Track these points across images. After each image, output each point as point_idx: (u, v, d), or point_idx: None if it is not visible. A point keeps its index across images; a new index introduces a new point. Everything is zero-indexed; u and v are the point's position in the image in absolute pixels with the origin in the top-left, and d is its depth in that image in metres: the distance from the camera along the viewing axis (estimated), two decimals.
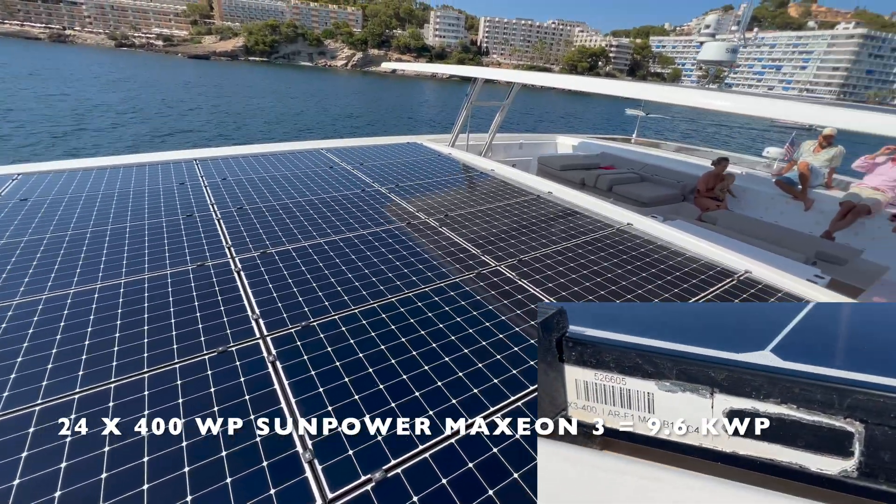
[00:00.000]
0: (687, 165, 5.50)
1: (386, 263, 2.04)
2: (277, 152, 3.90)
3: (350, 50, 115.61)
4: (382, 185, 3.14)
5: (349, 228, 2.40)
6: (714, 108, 2.14)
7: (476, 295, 1.81)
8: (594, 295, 1.85)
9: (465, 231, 2.42)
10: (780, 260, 2.65)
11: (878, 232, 3.99)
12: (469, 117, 4.50)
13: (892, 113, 1.74)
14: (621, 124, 10.06)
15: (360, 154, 3.94)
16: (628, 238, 2.40)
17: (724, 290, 1.93)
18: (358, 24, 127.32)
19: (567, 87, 2.81)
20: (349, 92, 43.88)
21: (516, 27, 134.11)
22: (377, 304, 1.71)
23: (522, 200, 2.91)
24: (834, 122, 1.75)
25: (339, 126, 22.46)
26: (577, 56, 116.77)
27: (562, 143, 6.64)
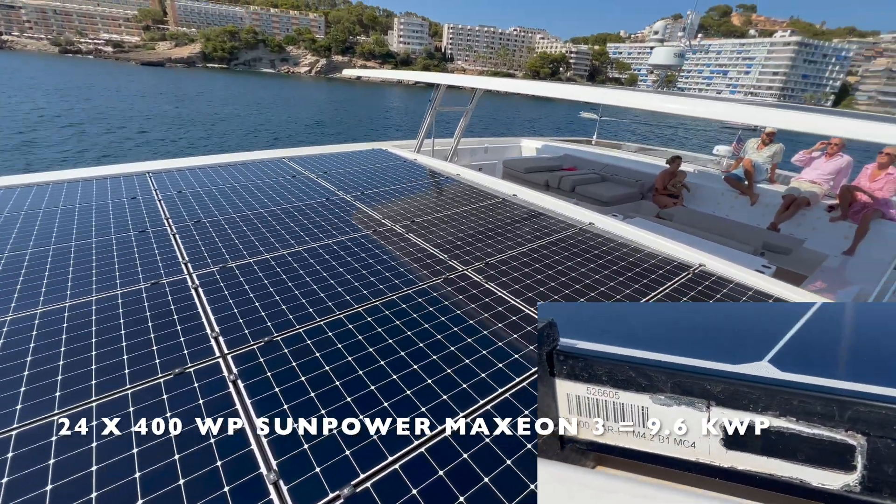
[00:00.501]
0: (645, 165, 5.74)
1: (352, 273, 2.01)
2: (237, 162, 3.78)
3: (313, 56, 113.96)
4: (347, 192, 3.10)
5: (314, 239, 2.35)
6: (666, 111, 2.24)
7: (444, 300, 1.81)
8: (559, 294, 1.89)
9: (431, 236, 2.43)
10: (731, 252, 2.80)
11: (818, 222, 4.30)
12: (433, 123, 4.53)
13: (821, 113, 1.88)
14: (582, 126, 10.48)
15: (324, 162, 3.88)
16: (591, 237, 2.48)
17: (681, 284, 2.02)
18: (321, 30, 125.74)
19: (528, 92, 2.88)
20: (313, 99, 43.13)
21: (479, 34, 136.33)
22: (343, 314, 1.68)
23: (488, 204, 2.95)
24: (771, 121, 1.87)
25: (303, 133, 21.94)
26: (539, 62, 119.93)
27: (526, 146, 6.78)
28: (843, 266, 3.77)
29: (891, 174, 3.93)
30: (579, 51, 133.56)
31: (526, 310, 1.77)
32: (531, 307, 1.79)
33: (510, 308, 1.78)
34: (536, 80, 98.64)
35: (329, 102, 41.11)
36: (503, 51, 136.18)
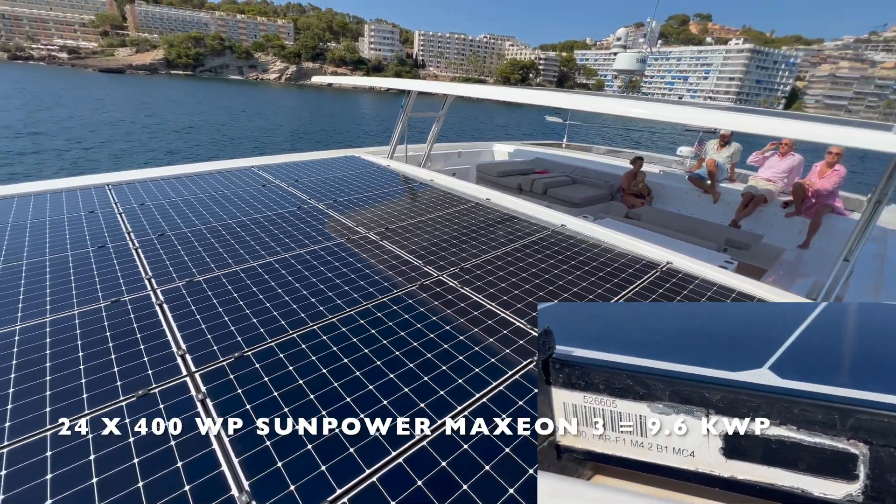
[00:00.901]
0: (613, 167, 5.92)
1: (326, 283, 1.97)
2: (204, 172, 3.66)
3: (283, 63, 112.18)
4: (319, 201, 3.05)
5: (285, 249, 2.30)
6: (630, 115, 2.32)
7: (420, 307, 1.81)
8: (534, 297, 1.92)
9: (406, 243, 2.42)
10: (696, 249, 2.92)
11: (774, 218, 4.54)
12: (406, 129, 4.53)
13: (772, 116, 1.99)
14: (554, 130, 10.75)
15: (296, 170, 3.81)
16: (563, 238, 2.53)
17: (651, 282, 2.08)
18: (290, 36, 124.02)
19: (498, 98, 2.93)
20: (284, 106, 42.35)
21: (450, 41, 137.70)
22: (317, 325, 1.65)
23: (462, 209, 2.96)
24: (726, 124, 1.97)
25: (273, 141, 21.43)
26: (510, 68, 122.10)
27: (498, 150, 6.87)
28: (799, 259, 3.99)
29: (836, 171, 4.20)
30: (548, 57, 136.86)
31: (501, 313, 1.78)
32: (507, 311, 1.80)
33: (486, 312, 1.79)
34: (507, 85, 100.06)
35: (300, 109, 40.40)
36: (474, 57, 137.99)
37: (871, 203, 1.98)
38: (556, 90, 3.09)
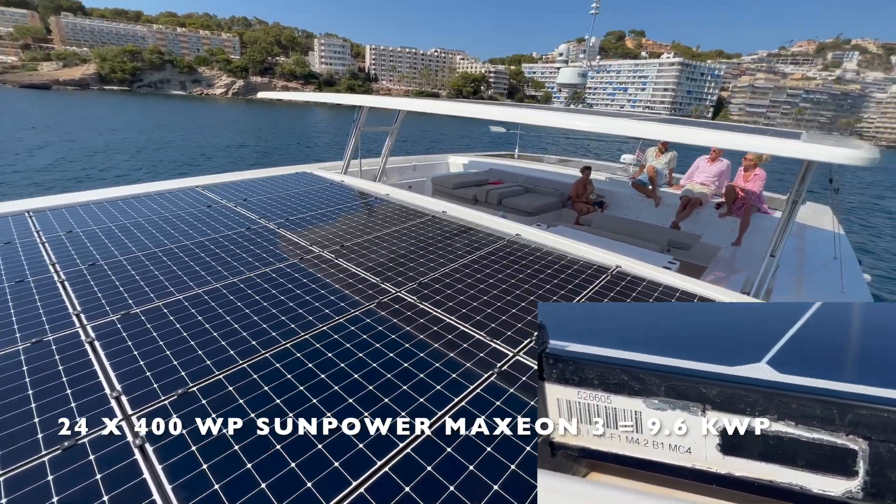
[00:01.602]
0: (564, 176, 6.16)
1: (278, 306, 1.89)
2: (141, 194, 3.42)
3: (229, 77, 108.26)
4: (270, 220, 2.94)
5: (233, 273, 2.18)
6: (570, 127, 2.43)
7: (378, 326, 1.77)
8: (492, 308, 1.93)
9: (363, 260, 2.37)
10: (642, 252, 3.08)
11: (710, 219, 4.90)
12: (359, 143, 4.48)
13: (696, 127, 2.16)
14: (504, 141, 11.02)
15: (244, 189, 3.65)
16: (518, 248, 2.58)
17: (602, 286, 2.17)
18: (236, 51, 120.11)
19: (448, 113, 2.96)
20: (231, 121, 40.66)
21: (402, 55, 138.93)
22: (270, 353, 1.57)
23: (419, 222, 2.96)
24: (657, 135, 2.11)
25: (220, 159, 20.32)
26: (461, 81, 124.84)
27: (453, 162, 6.97)
28: (733, 255, 4.32)
29: (757, 174, 4.62)
30: (497, 70, 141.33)
31: (461, 327, 1.78)
32: (466, 323, 1.80)
33: (445, 327, 1.78)
34: (460, 98, 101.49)
35: (249, 125, 38.85)
36: (426, 71, 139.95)
37: (789, 203, 2.18)
38: (505, 104, 3.18)
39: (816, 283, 2.46)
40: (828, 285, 2.42)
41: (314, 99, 4.22)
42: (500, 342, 1.69)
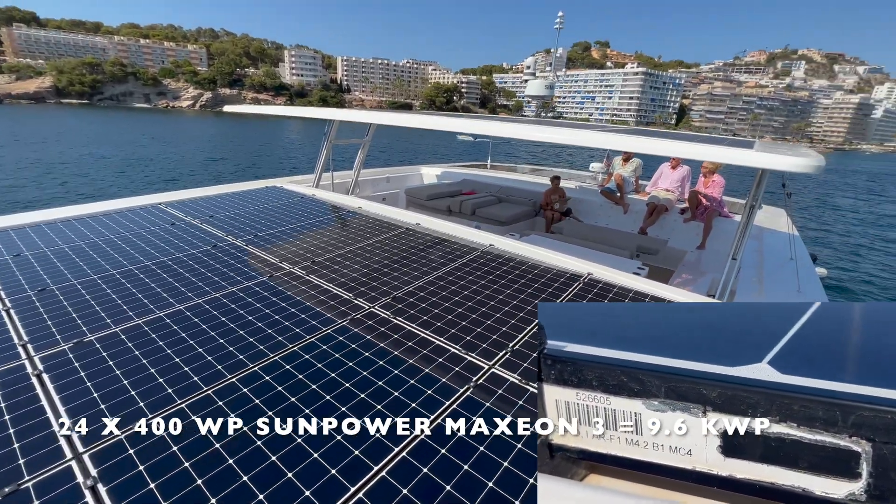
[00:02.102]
0: (536, 185, 6.27)
1: (246, 327, 1.82)
2: (99, 213, 3.26)
3: (197, 90, 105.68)
4: (238, 237, 2.85)
5: (198, 293, 2.10)
6: (535, 139, 2.46)
7: (351, 343, 1.73)
8: (467, 320, 1.92)
9: (335, 276, 2.32)
10: (613, 259, 3.15)
11: (675, 224, 5.08)
12: (330, 156, 4.43)
13: (657, 137, 2.24)
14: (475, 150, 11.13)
15: (210, 205, 3.54)
16: (492, 258, 2.59)
17: (575, 294, 2.19)
18: (203, 62, 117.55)
19: (417, 126, 2.97)
20: (198, 135, 39.52)
21: (374, 66, 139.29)
22: (237, 377, 1.51)
23: (392, 235, 2.93)
24: (619, 145, 2.17)
25: (186, 174, 19.56)
26: (434, 92, 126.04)
27: (426, 173, 6.99)
28: (698, 259, 4.48)
29: (715, 181, 4.84)
30: (469, 81, 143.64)
31: (436, 341, 1.76)
32: (441, 337, 1.79)
33: (420, 341, 1.75)
34: (433, 108, 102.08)
35: (218, 138, 37.79)
36: (398, 81, 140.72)
37: (747, 207, 2.28)
38: (476, 117, 3.21)
39: (775, 283, 2.57)
40: (785, 285, 2.54)
41: (281, 113, 4.14)
42: (475, 355, 1.68)
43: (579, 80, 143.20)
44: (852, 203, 25.09)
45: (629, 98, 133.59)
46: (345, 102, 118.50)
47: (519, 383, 1.53)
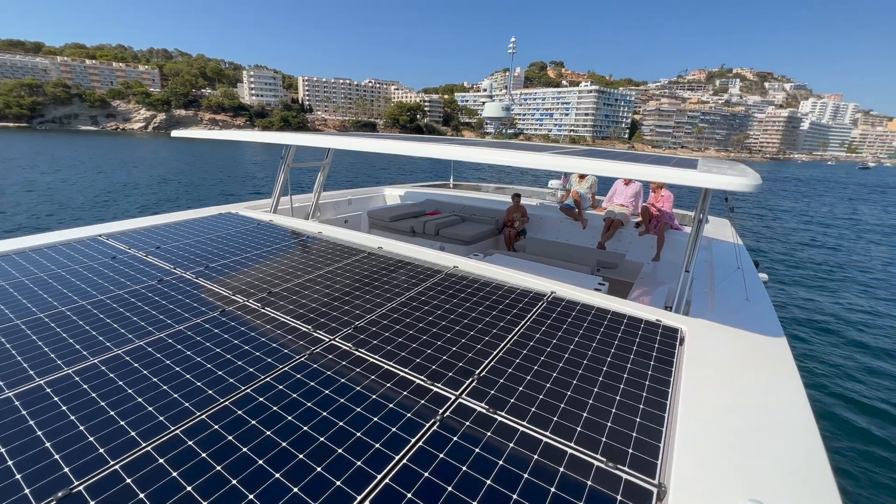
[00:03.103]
0: (498, 203, 6.36)
1: (193, 370, 1.68)
2: (27, 248, 2.97)
3: (149, 111, 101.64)
4: (187, 269, 2.67)
5: (140, 334, 1.93)
6: (491, 162, 2.47)
7: (310, 381, 1.63)
8: (432, 347, 1.87)
9: (293, 307, 2.21)
10: (575, 275, 3.20)
11: (631, 238, 5.27)
12: (288, 180, 4.30)
13: (605, 159, 2.31)
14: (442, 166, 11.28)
15: (157, 235, 3.32)
16: (456, 280, 2.56)
17: (540, 314, 2.19)
18: (156, 83, 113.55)
19: (377, 151, 2.90)
20: (149, 159, 37.63)
21: (336, 86, 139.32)
22: (181, 428, 1.37)
23: (354, 261, 2.84)
24: (577, 168, 2.23)
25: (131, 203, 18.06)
26: (397, 111, 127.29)
27: (389, 194, 6.94)
28: (654, 270, 4.65)
29: (665, 196, 5.10)
30: (432, 100, 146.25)
31: (400, 373, 1.69)
32: (406, 368, 1.72)
33: (384, 374, 1.68)
34: (397, 126, 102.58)
35: (171, 161, 36.02)
36: (361, 101, 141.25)
37: (695, 221, 2.38)
38: (434, 140, 3.19)
39: (725, 292, 2.69)
40: (735, 294, 2.66)
41: (232, 138, 3.96)
42: (441, 385, 1.62)
43: (538, 98, 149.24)
44: (790, 206, 27.21)
45: (585, 114, 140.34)
46: (307, 122, 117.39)
47: (487, 412, 1.49)
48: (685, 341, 2.01)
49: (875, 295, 10.24)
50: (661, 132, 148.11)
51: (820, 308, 9.11)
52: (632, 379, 1.69)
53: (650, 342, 1.97)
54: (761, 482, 1.24)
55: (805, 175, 64.74)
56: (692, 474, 1.26)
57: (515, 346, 1.89)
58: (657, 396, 1.60)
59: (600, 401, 1.56)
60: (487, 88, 7.91)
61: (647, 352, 1.89)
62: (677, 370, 1.76)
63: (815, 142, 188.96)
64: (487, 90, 7.92)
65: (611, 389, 1.63)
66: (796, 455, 1.35)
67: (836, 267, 12.78)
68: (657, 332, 2.06)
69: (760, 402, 1.60)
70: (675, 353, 1.89)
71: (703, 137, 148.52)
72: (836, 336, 7.66)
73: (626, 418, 1.48)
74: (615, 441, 1.37)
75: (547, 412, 1.50)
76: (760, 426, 1.47)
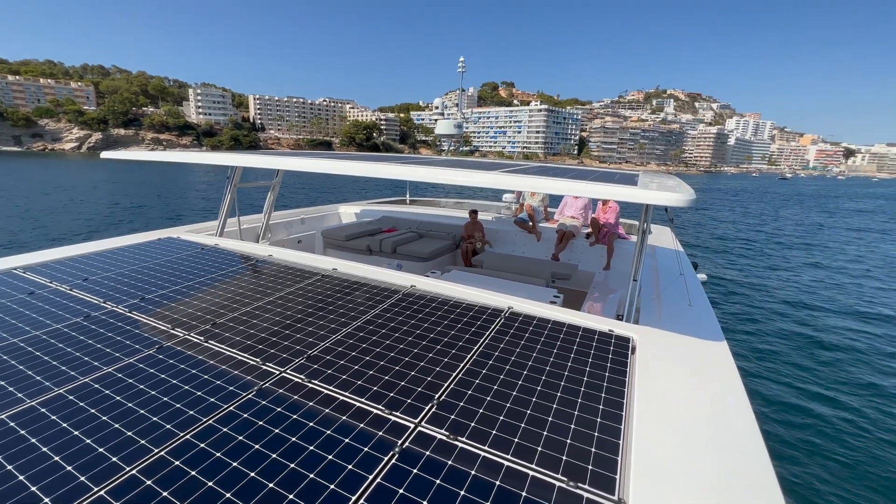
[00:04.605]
0: (455, 218, 6.41)
1: (124, 417, 1.52)
2: None
3: (83, 130, 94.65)
4: (119, 302, 2.44)
5: (60, 381, 1.72)
6: (443, 181, 2.47)
7: (258, 420, 1.51)
8: (390, 373, 1.80)
9: (240, 338, 2.07)
10: (531, 289, 3.25)
11: (583, 248, 5.48)
12: (235, 201, 4.10)
13: (552, 177, 2.39)
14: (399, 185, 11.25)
15: (85, 265, 3.03)
16: (414, 300, 2.52)
17: (498, 331, 2.19)
18: (90, 101, 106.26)
19: (328, 172, 2.82)
20: (77, 181, 34.80)
21: (289, 105, 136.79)
22: (105, 489, 1.22)
23: (306, 284, 2.73)
24: (528, 187, 2.29)
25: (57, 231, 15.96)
26: (353, 129, 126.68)
27: (344, 212, 6.81)
28: (606, 279, 4.85)
29: (611, 207, 5.37)
30: (388, 118, 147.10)
31: (357, 403, 1.61)
32: (362, 398, 1.64)
33: (339, 406, 1.59)
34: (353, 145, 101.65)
35: (106, 183, 33.31)
36: (316, 120, 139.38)
37: (640, 233, 2.51)
38: (387, 160, 3.15)
39: (670, 298, 2.84)
40: (679, 300, 2.81)
41: (171, 159, 3.68)
42: (399, 413, 1.56)
43: (491, 117, 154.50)
44: (725, 215, 29.63)
45: (536, 132, 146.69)
46: (259, 141, 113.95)
47: (447, 439, 1.45)
48: (636, 350, 2.08)
49: (796, 286, 11.45)
50: (607, 148, 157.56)
51: (751, 300, 10.28)
52: (588, 392, 1.72)
53: (604, 353, 2.02)
54: (710, 490, 1.28)
55: (736, 186, 71.09)
56: (649, 488, 1.28)
57: (474, 366, 1.87)
58: (613, 408, 1.63)
59: (559, 417, 1.57)
60: (439, 106, 8.07)
61: (601, 363, 1.93)
62: (630, 380, 1.81)
63: (741, 155, 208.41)
64: (439, 108, 8.08)
65: (569, 404, 1.64)
66: (741, 462, 1.41)
67: (766, 267, 14.00)
68: (610, 342, 2.12)
69: (707, 409, 1.67)
70: (628, 362, 1.94)
71: (645, 153, 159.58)
72: (764, 323, 8.71)
73: (584, 433, 1.49)
74: (575, 458, 1.37)
75: (508, 433, 1.48)
76: (708, 433, 1.53)
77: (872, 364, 6.91)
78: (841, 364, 6.89)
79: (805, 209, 36.17)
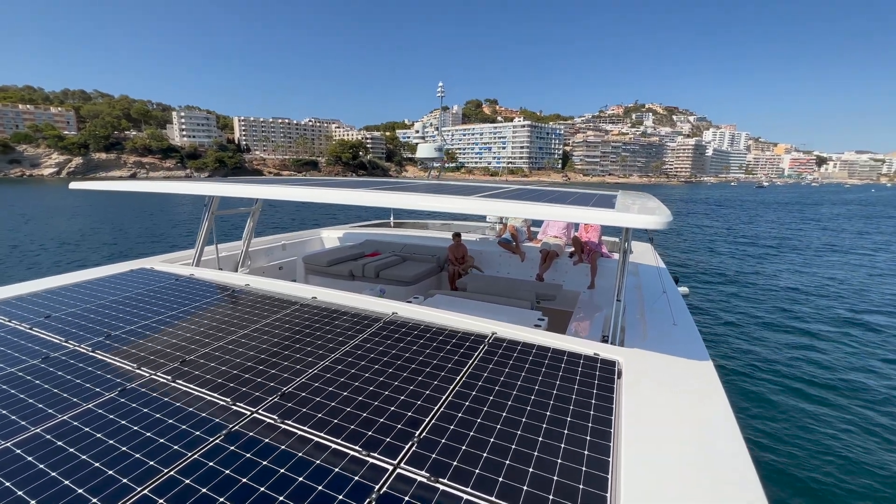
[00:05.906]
0: (439, 240, 6.35)
1: (77, 471, 1.40)
2: None
3: (63, 155, 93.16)
4: (82, 341, 2.31)
5: (9, 431, 1.59)
6: (431, 208, 2.42)
7: (225, 468, 1.41)
8: (369, 409, 1.72)
9: (210, 376, 1.96)
10: (515, 312, 3.20)
11: (567, 267, 5.46)
12: (213, 229, 3.99)
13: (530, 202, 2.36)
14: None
15: (47, 301, 2.88)
16: (395, 328, 2.44)
17: (482, 358, 2.12)
18: (71, 126, 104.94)
19: (311, 200, 2.72)
20: (50, 208, 33.85)
21: (275, 126, 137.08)
22: None
23: (284, 315, 2.63)
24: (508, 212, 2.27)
25: (25, 262, 14.70)
26: (339, 148, 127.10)
27: (327, 237, 6.71)
28: (591, 297, 4.82)
29: (593, 226, 5.38)
30: (374, 137, 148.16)
31: (333, 444, 1.52)
32: (339, 438, 1.55)
33: (313, 448, 1.50)
34: (339, 164, 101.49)
35: (81, 211, 32.31)
36: (301, 140, 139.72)
37: (621, 253, 2.49)
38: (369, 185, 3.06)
39: (654, 318, 2.81)
40: (663, 319, 2.78)
41: (140, 189, 3.39)
42: (378, 455, 1.47)
43: (476, 133, 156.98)
44: (707, 224, 30.23)
45: (520, 147, 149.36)
46: (245, 162, 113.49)
47: (428, 482, 1.36)
48: (622, 374, 2.03)
49: (776, 294, 11.71)
50: (590, 161, 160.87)
51: (733, 307, 10.45)
52: (575, 422, 1.65)
53: (590, 378, 1.96)
54: None
55: (715, 196, 72.93)
56: None
57: (457, 398, 1.80)
58: (601, 439, 1.57)
59: (546, 451, 1.50)
60: (419, 129, 8.18)
61: (588, 389, 1.87)
62: (617, 407, 1.75)
63: (720, 165, 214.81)
64: (419, 131, 8.17)
65: (555, 437, 1.57)
66: (731, 484, 1.37)
67: (745, 273, 14.25)
68: (596, 366, 2.07)
69: (696, 434, 1.62)
70: (615, 388, 1.89)
71: (627, 165, 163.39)
72: (745, 328, 8.93)
73: (572, 469, 1.42)
74: (563, 497, 1.30)
75: (492, 472, 1.40)
76: (697, 461, 1.48)
77: (861, 372, 6.99)
78: (827, 373, 6.95)
79: (790, 216, 37.10)
